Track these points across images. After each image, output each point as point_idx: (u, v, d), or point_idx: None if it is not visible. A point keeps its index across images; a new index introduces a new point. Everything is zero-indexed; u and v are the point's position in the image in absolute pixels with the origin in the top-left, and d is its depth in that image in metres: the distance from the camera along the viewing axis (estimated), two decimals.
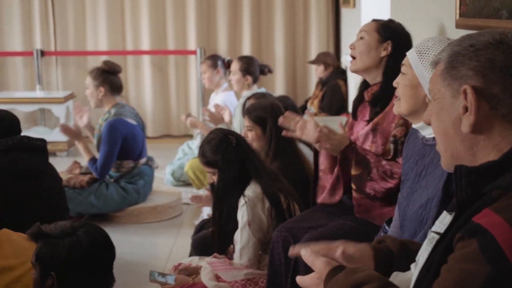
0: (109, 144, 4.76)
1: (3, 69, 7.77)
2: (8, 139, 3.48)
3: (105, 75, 4.90)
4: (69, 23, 7.66)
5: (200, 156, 3.21)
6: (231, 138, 3.19)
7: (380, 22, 3.03)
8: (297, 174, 3.57)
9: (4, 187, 3.36)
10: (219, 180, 3.16)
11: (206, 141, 3.21)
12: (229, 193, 3.13)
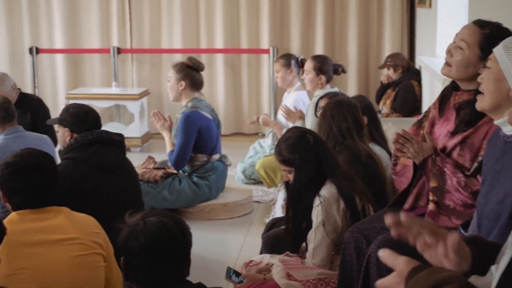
0: (185, 135, 4.85)
1: (81, 65, 7.96)
2: (88, 133, 3.59)
3: (188, 70, 5.01)
4: (145, 21, 7.80)
5: (277, 154, 3.22)
6: (309, 137, 3.18)
7: (484, 32, 2.70)
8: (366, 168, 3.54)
9: (85, 180, 3.47)
10: (295, 179, 3.16)
11: (283, 140, 3.21)
12: (304, 193, 3.13)
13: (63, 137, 3.72)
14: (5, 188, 2.68)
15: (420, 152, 2.77)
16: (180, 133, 4.87)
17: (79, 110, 3.70)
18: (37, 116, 5.35)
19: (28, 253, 2.57)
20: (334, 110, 3.71)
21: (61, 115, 3.76)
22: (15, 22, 7.89)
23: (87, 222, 2.76)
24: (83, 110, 3.70)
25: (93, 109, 3.78)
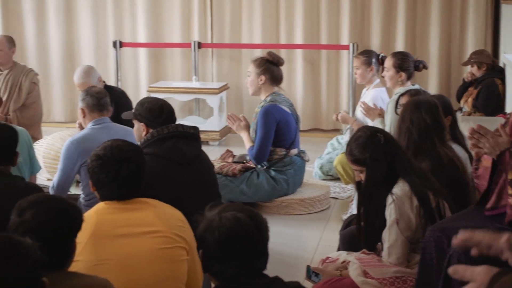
0: (265, 128, 4.89)
1: (162, 59, 8.11)
2: (164, 128, 3.63)
3: (268, 65, 5.04)
4: (225, 16, 7.88)
5: (348, 154, 3.21)
6: (379, 136, 3.16)
7: None
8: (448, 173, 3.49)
9: (162, 175, 3.52)
10: (366, 178, 3.15)
11: (353, 139, 3.21)
12: (376, 191, 3.12)
13: (139, 132, 3.77)
14: (94, 179, 2.75)
15: (496, 146, 2.73)
16: (260, 126, 4.92)
17: (153, 104, 3.72)
18: (121, 108, 5.45)
19: (113, 244, 2.63)
20: (413, 113, 3.65)
21: (136, 109, 3.80)
22: (100, 17, 8.11)
23: (172, 215, 2.80)
24: (158, 105, 3.72)
25: (167, 102, 3.80)
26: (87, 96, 4.21)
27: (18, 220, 2.13)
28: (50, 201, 2.22)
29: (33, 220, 2.12)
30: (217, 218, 2.14)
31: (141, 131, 3.73)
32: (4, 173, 3.02)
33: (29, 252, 1.69)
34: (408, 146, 3.52)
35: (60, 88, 8.30)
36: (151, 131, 3.65)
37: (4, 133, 3.08)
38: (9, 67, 6.36)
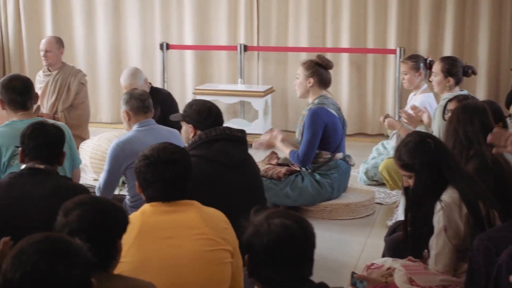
0: (312, 130, 4.87)
1: (208, 62, 8.14)
2: (212, 130, 3.65)
3: (317, 67, 5.03)
4: (272, 19, 7.87)
5: (396, 159, 3.17)
6: (429, 141, 3.12)
7: None
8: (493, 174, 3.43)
9: (210, 177, 3.53)
10: (415, 184, 3.11)
11: (403, 144, 3.17)
12: (424, 198, 3.07)
13: (187, 133, 3.80)
14: (140, 180, 2.78)
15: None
16: (306, 128, 4.89)
17: (202, 106, 3.76)
18: (167, 110, 5.50)
19: (158, 246, 2.64)
20: (460, 114, 3.61)
21: (184, 111, 3.83)
22: (148, 19, 8.18)
23: (216, 217, 2.81)
24: (206, 107, 3.75)
25: (215, 105, 3.83)
26: (131, 99, 4.23)
27: (63, 221, 2.15)
28: (96, 203, 2.24)
29: (78, 221, 2.14)
30: (265, 224, 2.13)
31: (189, 133, 3.75)
32: (51, 173, 3.05)
33: (80, 252, 1.71)
34: (455, 147, 3.48)
35: (107, 89, 8.39)
36: (199, 133, 3.67)
37: (52, 133, 3.11)
38: (58, 68, 6.45)
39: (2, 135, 3.86)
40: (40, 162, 3.04)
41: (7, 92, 3.95)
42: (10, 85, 3.97)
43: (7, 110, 4.01)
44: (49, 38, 6.51)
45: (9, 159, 3.81)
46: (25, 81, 4.07)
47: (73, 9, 8.36)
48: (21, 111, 3.97)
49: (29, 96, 4.00)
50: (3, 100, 3.99)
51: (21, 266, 1.64)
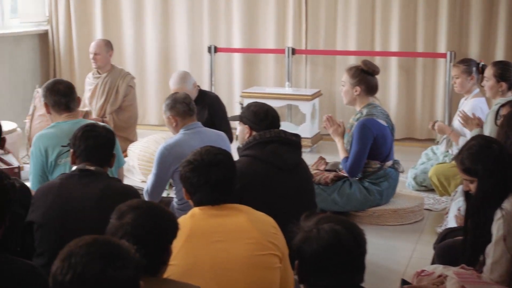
0: (360, 143, 4.79)
1: (256, 65, 8.14)
2: (267, 132, 3.68)
3: (363, 74, 4.94)
4: (320, 23, 7.83)
5: (459, 163, 3.09)
6: (494, 146, 3.04)
7: None
8: None
9: (261, 177, 3.53)
10: (477, 190, 3.03)
11: (466, 148, 3.08)
12: (485, 204, 3.00)
13: (243, 134, 3.83)
14: (187, 185, 2.78)
15: None
16: (355, 141, 4.81)
17: (259, 108, 3.82)
18: (214, 113, 5.53)
19: (207, 249, 2.63)
20: None
21: (242, 112, 3.89)
22: (196, 22, 8.21)
23: (265, 222, 2.79)
24: (263, 109, 3.81)
25: (273, 108, 3.88)
26: (176, 104, 4.26)
27: (117, 223, 2.16)
28: (150, 207, 2.24)
29: (132, 224, 2.14)
30: (315, 230, 2.10)
31: (245, 134, 3.80)
32: (101, 175, 3.07)
33: (129, 255, 1.70)
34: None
35: (155, 91, 8.46)
36: (254, 134, 3.71)
37: (102, 135, 3.14)
38: (107, 70, 6.51)
39: (48, 137, 3.95)
40: (90, 164, 3.07)
41: (51, 94, 4.06)
42: (54, 88, 4.08)
43: (51, 113, 4.12)
44: (98, 41, 6.58)
45: (55, 158, 3.90)
46: (67, 84, 4.19)
47: (122, 12, 8.45)
48: (65, 112, 4.06)
49: (72, 97, 4.10)
50: (47, 103, 4.10)
51: (71, 268, 1.64)
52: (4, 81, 7.90)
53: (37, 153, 3.91)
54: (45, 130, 4.04)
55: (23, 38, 8.31)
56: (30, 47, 8.46)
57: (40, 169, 3.91)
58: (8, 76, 7.99)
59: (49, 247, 2.96)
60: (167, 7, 8.29)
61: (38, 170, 3.91)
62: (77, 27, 8.55)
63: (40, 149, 3.90)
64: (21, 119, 6.89)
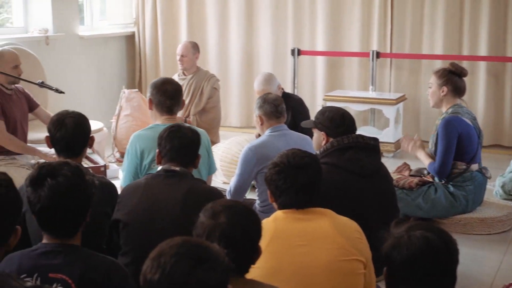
0: (446, 140, 4.70)
1: (340, 68, 8.07)
2: (344, 138, 3.59)
3: (450, 75, 4.86)
4: (406, 26, 7.70)
5: None
6: None
7: None
8: None
9: (341, 185, 3.46)
10: None
11: None
12: None
13: (319, 141, 3.76)
14: (272, 188, 2.76)
15: None
16: (440, 139, 4.72)
17: (335, 114, 3.71)
18: (298, 116, 5.50)
19: (290, 253, 2.61)
20: None
21: (316, 118, 3.79)
22: (280, 25, 8.21)
23: (349, 227, 2.74)
24: (339, 114, 3.70)
25: (348, 113, 3.77)
26: (265, 104, 4.25)
27: (212, 223, 2.14)
28: (242, 207, 2.23)
29: (228, 223, 2.13)
30: (406, 236, 2.05)
31: (321, 140, 3.71)
32: (187, 175, 3.09)
33: (219, 257, 1.69)
34: None
35: (237, 93, 8.50)
36: (331, 141, 3.62)
37: (188, 136, 3.15)
38: (192, 72, 6.59)
39: (145, 139, 3.94)
40: (175, 164, 3.09)
41: (158, 93, 4.01)
42: (162, 88, 4.02)
43: (153, 110, 4.08)
44: (185, 43, 6.66)
45: (150, 162, 3.89)
46: (176, 86, 4.12)
47: (207, 15, 8.53)
48: (166, 115, 4.02)
49: (177, 101, 4.05)
50: (152, 100, 4.06)
51: (160, 268, 1.65)
52: (91, 82, 8.10)
53: (133, 153, 3.91)
54: (143, 130, 4.04)
55: (110, 39, 8.50)
56: (117, 49, 8.65)
57: (133, 169, 3.91)
58: (96, 76, 8.18)
59: (133, 246, 3.00)
60: (252, 10, 8.32)
61: (132, 169, 3.92)
62: (163, 29, 8.68)
63: (136, 150, 3.90)
64: (107, 119, 7.05)
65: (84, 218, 2.36)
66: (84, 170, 2.39)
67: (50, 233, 2.34)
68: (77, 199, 2.30)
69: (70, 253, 2.30)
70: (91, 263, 2.31)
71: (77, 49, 7.75)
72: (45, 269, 2.27)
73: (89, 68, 8.06)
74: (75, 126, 3.26)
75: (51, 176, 2.28)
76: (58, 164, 2.34)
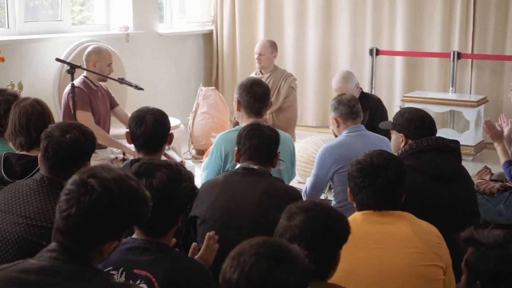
0: None
1: (419, 69, 7.93)
2: (424, 140, 3.51)
3: None
4: (489, 26, 7.49)
5: None
6: None
7: None
8: None
9: (419, 188, 3.38)
10: None
11: None
12: None
13: (397, 143, 3.69)
14: (352, 185, 2.74)
15: None
16: None
17: (414, 115, 3.63)
18: (375, 116, 5.42)
19: (368, 255, 2.57)
20: None
21: (395, 119, 3.72)
22: (359, 24, 8.12)
23: (429, 231, 2.68)
24: (419, 116, 3.62)
25: (428, 114, 3.69)
26: (340, 105, 4.20)
27: (286, 224, 2.12)
28: (321, 210, 2.19)
29: (301, 227, 2.10)
30: (506, 250, 1.97)
31: (399, 142, 3.64)
32: (265, 174, 3.08)
33: (299, 259, 1.67)
34: None
35: (314, 93, 8.45)
36: (410, 143, 3.55)
37: (267, 135, 3.14)
38: (270, 71, 6.58)
39: (231, 141, 3.80)
40: (254, 163, 3.08)
41: (247, 95, 3.95)
42: (251, 90, 3.96)
43: (241, 112, 4.02)
44: (263, 42, 6.65)
45: (234, 166, 3.82)
46: (265, 88, 4.05)
47: (285, 13, 8.51)
48: (254, 117, 3.95)
49: (266, 104, 4.00)
50: (240, 102, 3.99)
51: (239, 266, 1.64)
52: (169, 79, 8.20)
53: (217, 154, 3.87)
54: (230, 132, 3.97)
55: (188, 37, 8.58)
56: (195, 47, 8.72)
57: (216, 170, 3.88)
58: (174, 74, 8.27)
59: None
60: (330, 8, 8.26)
61: (214, 169, 3.89)
62: (240, 27, 8.71)
63: (221, 151, 3.85)
64: (184, 116, 7.13)
65: (175, 222, 2.37)
66: (185, 177, 2.37)
67: (139, 228, 2.36)
68: (165, 205, 2.30)
69: (157, 251, 2.32)
70: (176, 264, 2.31)
71: (156, 47, 7.85)
72: (131, 264, 2.29)
73: (167, 65, 8.15)
74: (154, 123, 3.28)
75: (147, 176, 2.31)
76: (158, 165, 2.36)
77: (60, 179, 2.67)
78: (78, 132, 2.74)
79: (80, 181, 1.88)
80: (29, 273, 1.80)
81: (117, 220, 1.90)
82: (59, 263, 1.85)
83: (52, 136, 2.72)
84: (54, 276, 1.81)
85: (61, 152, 2.70)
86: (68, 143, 2.70)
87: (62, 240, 1.88)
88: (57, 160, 2.70)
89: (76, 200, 1.86)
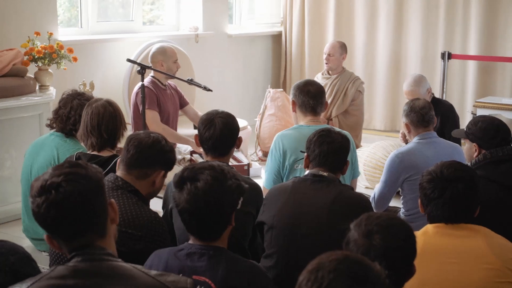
0: None
1: (492, 74, 7.72)
2: (499, 150, 3.43)
3: None
4: None
5: None
6: None
7: None
8: None
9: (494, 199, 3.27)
10: None
11: None
12: None
13: (470, 152, 3.60)
14: (422, 195, 2.68)
15: None
16: None
17: (488, 124, 3.54)
18: (447, 123, 5.29)
19: (440, 269, 2.50)
20: None
21: (468, 128, 3.63)
22: (431, 27, 7.96)
23: (505, 246, 2.58)
24: (493, 125, 3.54)
25: (503, 123, 3.58)
26: (411, 112, 4.11)
27: (367, 243, 2.05)
28: (399, 224, 2.12)
29: (384, 245, 2.03)
30: None
31: (473, 152, 3.55)
32: (334, 181, 3.02)
33: (379, 279, 1.60)
34: None
35: (383, 97, 8.33)
36: (484, 153, 3.46)
37: (337, 141, 3.08)
38: (338, 73, 6.51)
39: (289, 138, 3.96)
40: (324, 170, 3.03)
41: (301, 94, 4.06)
42: (304, 89, 4.07)
43: (297, 112, 4.12)
44: (333, 43, 6.58)
45: (292, 163, 3.90)
46: (319, 86, 4.14)
47: (355, 16, 8.42)
48: (310, 115, 4.05)
49: (321, 102, 4.07)
50: (295, 102, 4.10)
51: (316, 281, 1.57)
52: (237, 80, 8.21)
53: (276, 152, 3.95)
54: (287, 130, 4.07)
55: (257, 38, 8.58)
56: (263, 48, 8.71)
57: (276, 168, 3.95)
58: (242, 75, 8.28)
59: (277, 250, 2.97)
60: (401, 10, 8.12)
61: (274, 169, 3.95)
62: (309, 29, 8.66)
63: (280, 148, 3.94)
64: (251, 117, 7.12)
65: (227, 223, 2.35)
66: (229, 175, 2.36)
67: (193, 234, 2.35)
68: (215, 205, 2.28)
69: (213, 256, 2.31)
70: (234, 267, 2.30)
71: (225, 47, 7.87)
72: (190, 270, 2.30)
73: (235, 66, 8.17)
74: (223, 126, 3.26)
75: (191, 180, 2.29)
76: (200, 168, 2.33)
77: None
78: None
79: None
80: (66, 278, 1.79)
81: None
82: (94, 263, 1.84)
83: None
84: (92, 276, 1.80)
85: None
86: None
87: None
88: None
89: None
